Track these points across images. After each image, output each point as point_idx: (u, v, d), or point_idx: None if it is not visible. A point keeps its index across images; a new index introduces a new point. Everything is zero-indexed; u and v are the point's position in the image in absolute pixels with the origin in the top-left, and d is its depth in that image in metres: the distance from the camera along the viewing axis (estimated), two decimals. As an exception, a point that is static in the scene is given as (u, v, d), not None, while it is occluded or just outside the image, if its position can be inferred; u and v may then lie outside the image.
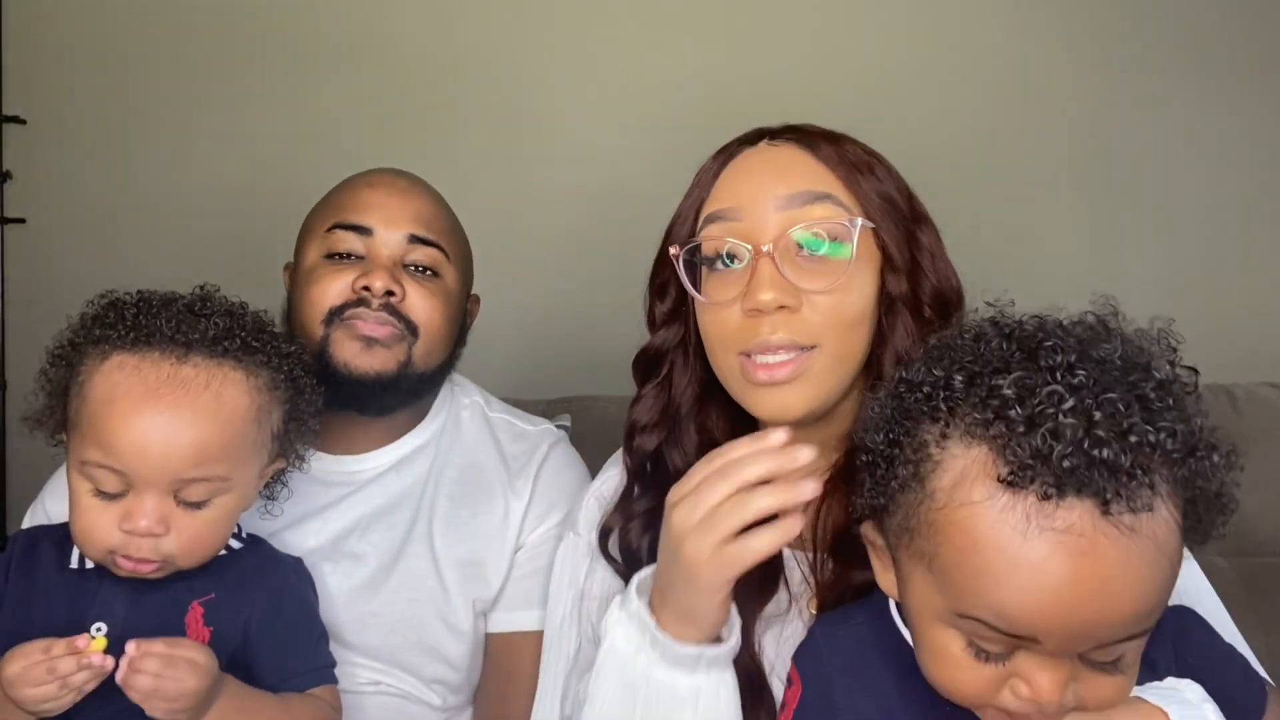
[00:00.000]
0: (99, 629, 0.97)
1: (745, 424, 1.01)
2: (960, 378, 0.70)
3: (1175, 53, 2.14)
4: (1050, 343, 0.69)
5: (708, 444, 1.01)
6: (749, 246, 0.92)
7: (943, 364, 0.72)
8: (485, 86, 2.19)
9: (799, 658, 0.85)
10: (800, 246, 0.91)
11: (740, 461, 0.78)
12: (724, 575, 0.79)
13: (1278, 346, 2.09)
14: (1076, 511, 0.63)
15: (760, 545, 0.77)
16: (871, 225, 0.93)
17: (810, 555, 0.97)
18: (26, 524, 1.19)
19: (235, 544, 1.06)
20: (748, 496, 0.77)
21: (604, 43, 2.19)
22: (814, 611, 0.94)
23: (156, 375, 0.95)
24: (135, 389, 0.95)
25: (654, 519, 1.00)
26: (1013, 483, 0.64)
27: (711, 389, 1.02)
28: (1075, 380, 0.66)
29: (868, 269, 0.93)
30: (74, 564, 1.02)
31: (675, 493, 0.82)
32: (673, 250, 0.98)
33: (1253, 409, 1.68)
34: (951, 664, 0.69)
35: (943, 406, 0.70)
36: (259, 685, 1.01)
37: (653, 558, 0.98)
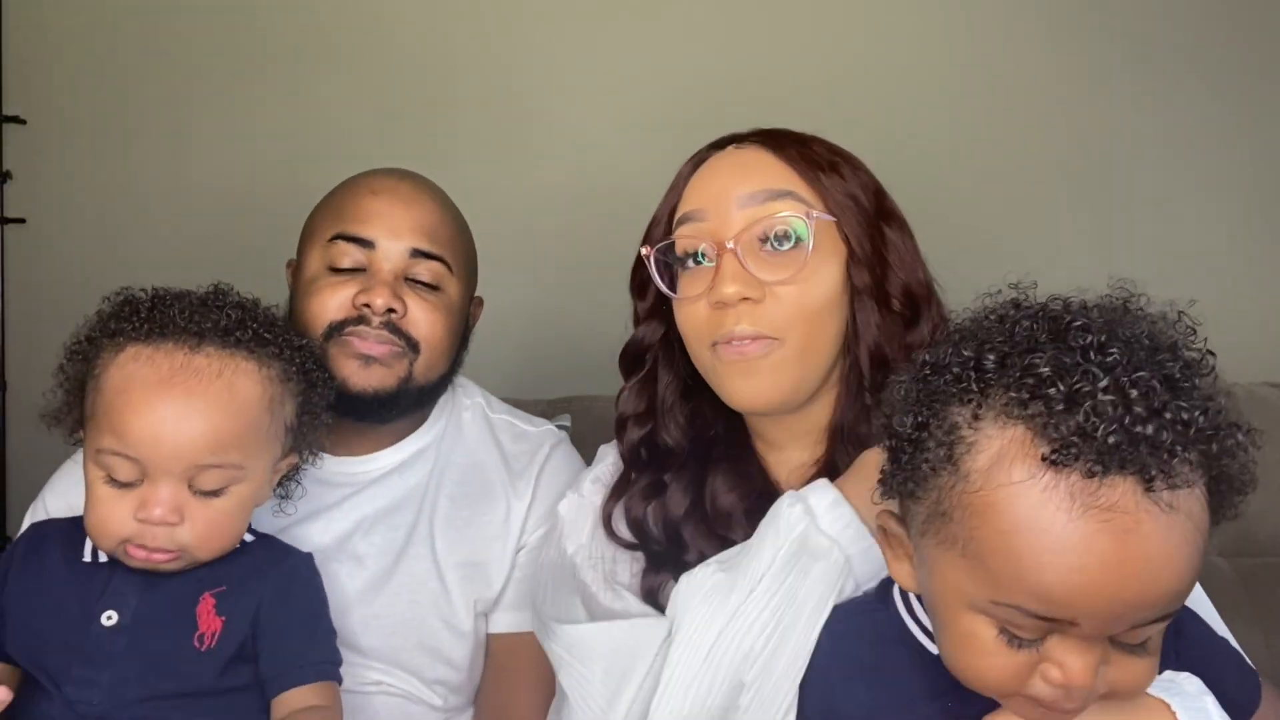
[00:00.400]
0: (109, 618, 0.98)
1: (730, 415, 1.05)
2: (991, 358, 0.68)
3: (1174, 52, 2.14)
4: (1079, 323, 0.68)
5: (700, 425, 1.06)
6: (713, 244, 0.96)
7: (970, 345, 0.70)
8: (485, 86, 2.19)
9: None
10: (762, 241, 0.95)
11: None
12: None
13: (1278, 346, 2.09)
14: (1119, 490, 0.62)
15: None
16: (831, 219, 0.96)
17: None
18: (27, 523, 1.18)
19: (247, 537, 1.07)
20: None
21: (604, 43, 2.19)
22: None
23: (170, 364, 0.97)
24: (149, 377, 0.96)
25: (653, 492, 1.05)
26: (1056, 461, 0.63)
27: (697, 383, 1.05)
28: (1108, 359, 0.65)
29: (831, 261, 0.97)
30: (86, 557, 1.02)
31: None
32: (644, 250, 1.03)
33: (1253, 409, 1.67)
34: (979, 652, 0.68)
35: (974, 387, 0.68)
36: (262, 676, 1.01)
37: (667, 533, 1.03)
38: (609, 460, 1.14)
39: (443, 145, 2.13)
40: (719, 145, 1.04)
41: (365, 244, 1.19)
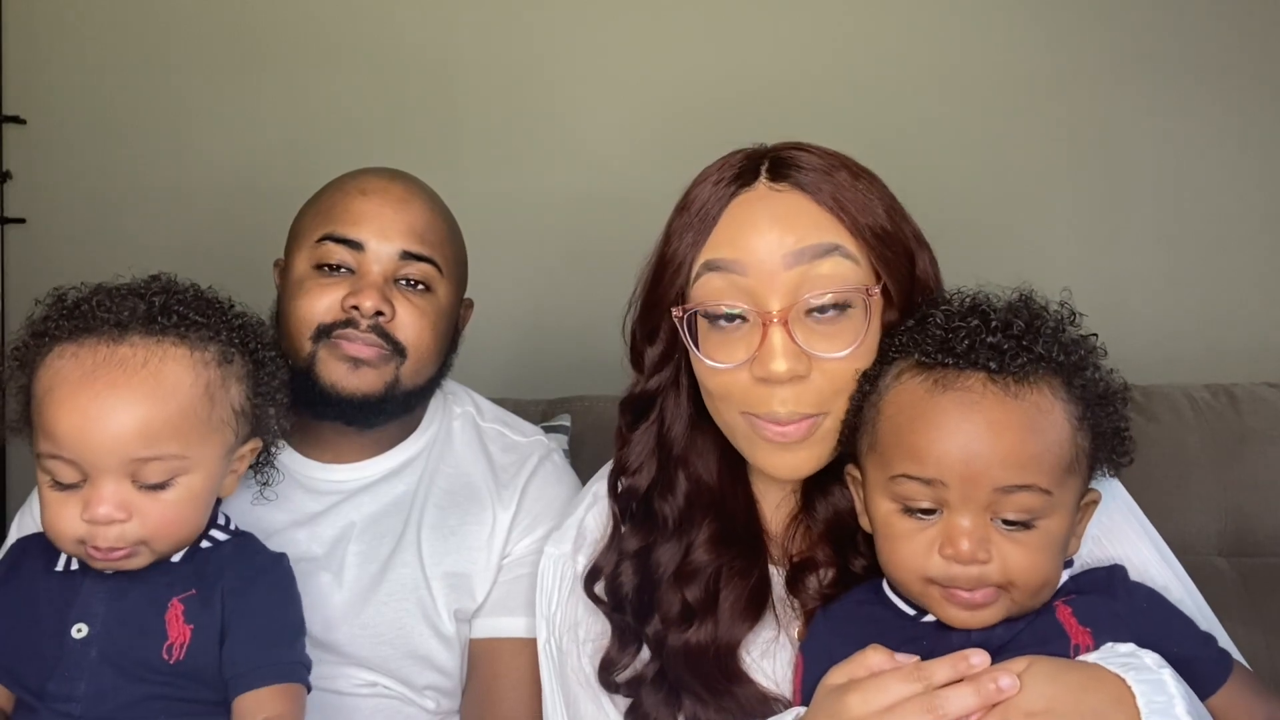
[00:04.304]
0: (79, 630, 0.96)
1: (736, 462, 1.01)
2: (913, 322, 0.91)
3: (1176, 52, 2.14)
4: (982, 297, 0.90)
5: (696, 485, 1.01)
6: (758, 312, 0.90)
7: (912, 318, 0.92)
8: (485, 85, 2.19)
9: (804, 646, 0.91)
10: (808, 310, 0.90)
11: (928, 665, 0.77)
12: None
13: (1278, 346, 2.09)
14: (972, 379, 0.83)
15: None
16: (882, 283, 0.92)
17: (784, 574, 0.98)
18: (14, 529, 1.18)
19: (221, 535, 1.04)
20: (939, 696, 0.74)
21: (604, 45, 2.19)
22: (796, 639, 0.95)
23: (93, 358, 0.94)
24: (73, 374, 0.94)
25: (643, 561, 1.00)
26: (924, 362, 0.86)
27: (698, 423, 1.01)
28: (983, 308, 0.88)
29: (876, 322, 0.92)
30: (60, 566, 1.00)
31: (842, 674, 0.79)
32: (675, 312, 0.94)
33: (1253, 409, 1.67)
34: (893, 536, 0.85)
35: (898, 341, 0.90)
36: (225, 675, 0.97)
37: (638, 600, 1.00)
38: (595, 490, 1.11)
39: (445, 145, 2.13)
40: (744, 178, 0.94)
41: (354, 246, 1.17)
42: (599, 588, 1.03)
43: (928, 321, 0.88)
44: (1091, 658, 0.78)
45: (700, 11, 2.18)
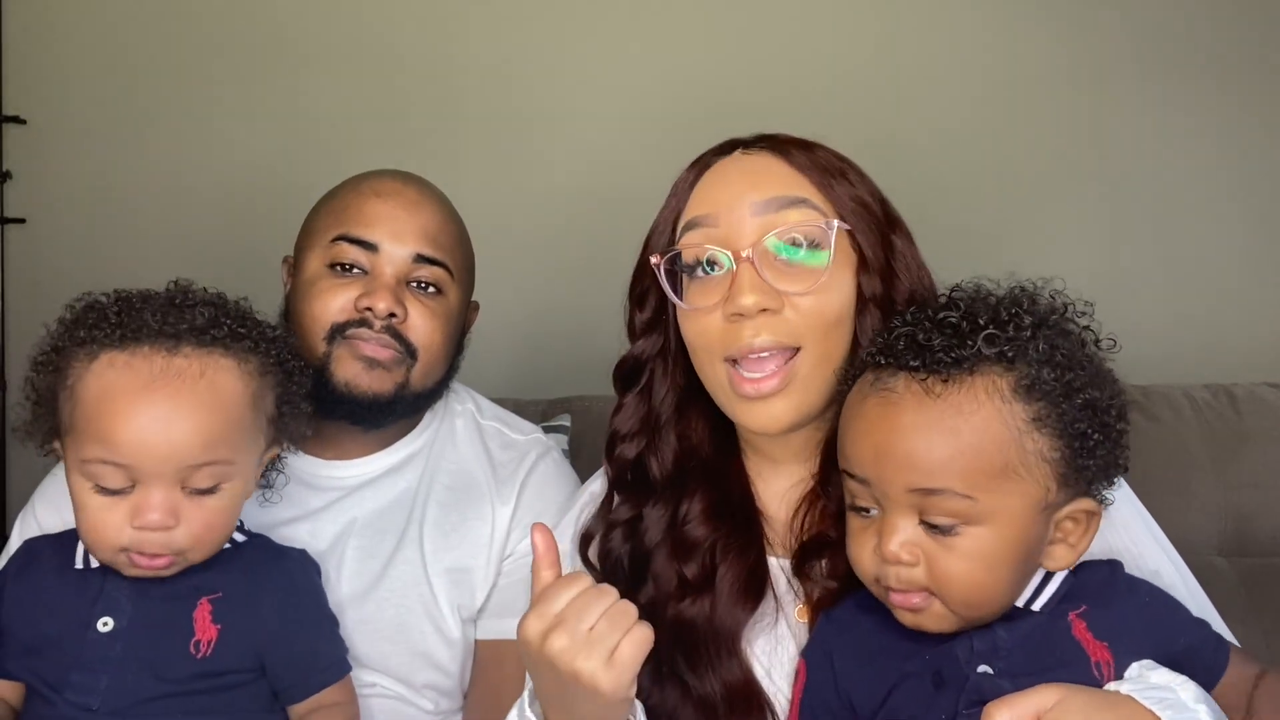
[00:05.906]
0: (105, 624, 0.98)
1: (725, 429, 1.03)
2: (896, 322, 0.90)
3: (1175, 52, 2.14)
4: (960, 294, 0.89)
5: (687, 451, 1.03)
6: (729, 252, 0.94)
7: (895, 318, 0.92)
8: (485, 86, 2.19)
9: (806, 650, 0.91)
10: (778, 253, 0.93)
11: (603, 588, 0.85)
12: (626, 681, 0.83)
13: (1278, 346, 2.09)
14: (898, 379, 0.84)
15: (641, 644, 0.83)
16: (847, 227, 0.95)
17: (791, 563, 0.98)
18: (16, 531, 1.19)
19: (240, 537, 1.07)
20: (620, 610, 0.83)
21: (604, 45, 2.19)
22: (801, 620, 0.95)
23: (150, 369, 0.96)
24: (131, 384, 0.96)
25: (634, 528, 1.02)
26: (867, 361, 0.88)
27: (691, 395, 1.03)
28: (950, 305, 0.87)
29: (845, 270, 0.95)
30: (79, 564, 1.02)
31: (534, 624, 0.83)
32: (653, 259, 0.99)
33: (1253, 409, 1.68)
34: (850, 533, 0.87)
35: (874, 344, 0.90)
36: (277, 686, 1.02)
37: (633, 566, 1.00)
38: (596, 486, 1.12)
39: (443, 146, 2.13)
40: (723, 151, 1.01)
41: (368, 247, 1.18)
42: (592, 554, 1.04)
43: (892, 324, 0.89)
44: (1124, 689, 0.75)
45: (701, 12, 2.18)
